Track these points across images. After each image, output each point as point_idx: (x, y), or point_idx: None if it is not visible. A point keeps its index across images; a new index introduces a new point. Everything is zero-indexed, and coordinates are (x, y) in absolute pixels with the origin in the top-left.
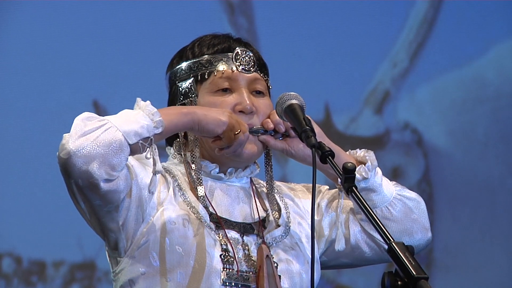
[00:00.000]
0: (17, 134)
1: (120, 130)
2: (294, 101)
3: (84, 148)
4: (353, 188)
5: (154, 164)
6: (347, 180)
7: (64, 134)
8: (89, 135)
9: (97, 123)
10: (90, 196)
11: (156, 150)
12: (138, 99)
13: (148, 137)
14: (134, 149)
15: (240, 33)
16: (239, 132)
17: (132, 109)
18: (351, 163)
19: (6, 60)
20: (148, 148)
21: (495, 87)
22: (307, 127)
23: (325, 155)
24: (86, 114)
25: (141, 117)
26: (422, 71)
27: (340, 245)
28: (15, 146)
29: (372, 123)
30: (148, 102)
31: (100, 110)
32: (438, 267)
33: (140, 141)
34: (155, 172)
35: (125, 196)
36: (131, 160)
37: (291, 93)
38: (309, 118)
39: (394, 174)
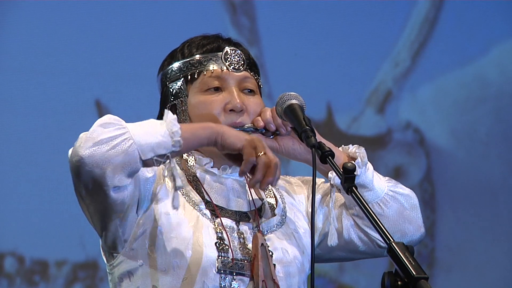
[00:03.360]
0: (19, 133)
1: (136, 143)
2: (294, 101)
3: (95, 156)
4: (353, 188)
5: (174, 180)
6: (347, 180)
7: (81, 134)
8: (103, 145)
9: (115, 131)
10: (97, 200)
11: (175, 165)
12: (168, 112)
13: (165, 154)
14: (147, 164)
15: (242, 33)
16: (263, 154)
17: (131, 109)
18: (351, 163)
19: (6, 60)
20: (163, 163)
21: (497, 87)
22: (307, 127)
23: (325, 155)
24: (106, 119)
25: (161, 133)
26: (424, 70)
27: (332, 240)
28: (17, 146)
29: (374, 123)
30: (174, 117)
31: (102, 109)
32: (440, 266)
33: (155, 157)
34: (176, 188)
35: (130, 203)
36: None
37: (291, 93)
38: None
39: (396, 174)
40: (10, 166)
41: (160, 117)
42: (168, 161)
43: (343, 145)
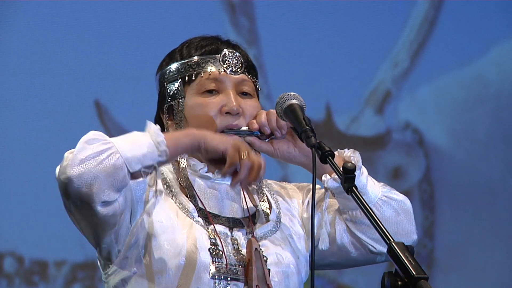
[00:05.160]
0: (19, 134)
1: (123, 157)
2: (294, 101)
3: (84, 174)
4: (353, 188)
5: (155, 184)
6: (347, 180)
7: (66, 153)
8: (90, 160)
9: (101, 146)
10: (87, 216)
11: (159, 173)
12: (150, 123)
13: (152, 165)
14: (135, 176)
15: (242, 33)
16: (247, 155)
17: (131, 109)
18: (351, 163)
19: (6, 60)
20: (150, 173)
21: (496, 87)
22: (307, 127)
23: (325, 155)
24: (91, 135)
25: (146, 144)
26: (423, 71)
27: (324, 245)
28: (17, 146)
29: (373, 123)
30: (157, 127)
31: (102, 110)
32: (439, 267)
33: (143, 169)
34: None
35: (123, 214)
36: None
37: (291, 93)
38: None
39: (395, 174)
40: (10, 166)
41: (157, 117)
42: (154, 171)
43: (338, 150)
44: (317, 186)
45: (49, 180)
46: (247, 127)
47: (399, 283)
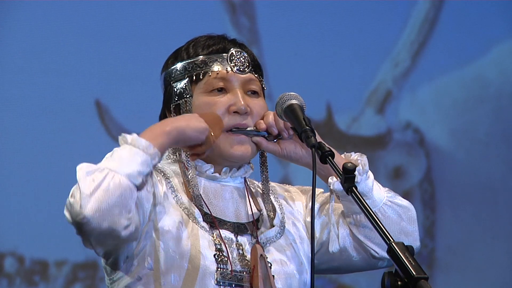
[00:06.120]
0: (19, 134)
1: (124, 176)
2: (294, 101)
3: (99, 208)
4: (353, 188)
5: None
6: (347, 180)
7: (72, 190)
8: (98, 191)
9: (99, 175)
10: (110, 243)
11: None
12: (124, 135)
13: (150, 171)
14: (140, 187)
15: (242, 33)
16: (213, 135)
17: (131, 109)
18: (351, 163)
19: (6, 60)
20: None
21: (497, 87)
22: (307, 127)
23: (325, 155)
24: (84, 168)
25: (136, 155)
26: (423, 70)
27: (333, 246)
28: (17, 146)
29: (374, 123)
30: (135, 135)
31: (102, 109)
32: (440, 266)
33: (143, 178)
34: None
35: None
36: None
37: (291, 93)
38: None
39: (396, 174)
40: (10, 166)
41: (162, 116)
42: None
43: (345, 153)
44: (321, 190)
45: (49, 180)
46: (255, 127)
47: (399, 283)
